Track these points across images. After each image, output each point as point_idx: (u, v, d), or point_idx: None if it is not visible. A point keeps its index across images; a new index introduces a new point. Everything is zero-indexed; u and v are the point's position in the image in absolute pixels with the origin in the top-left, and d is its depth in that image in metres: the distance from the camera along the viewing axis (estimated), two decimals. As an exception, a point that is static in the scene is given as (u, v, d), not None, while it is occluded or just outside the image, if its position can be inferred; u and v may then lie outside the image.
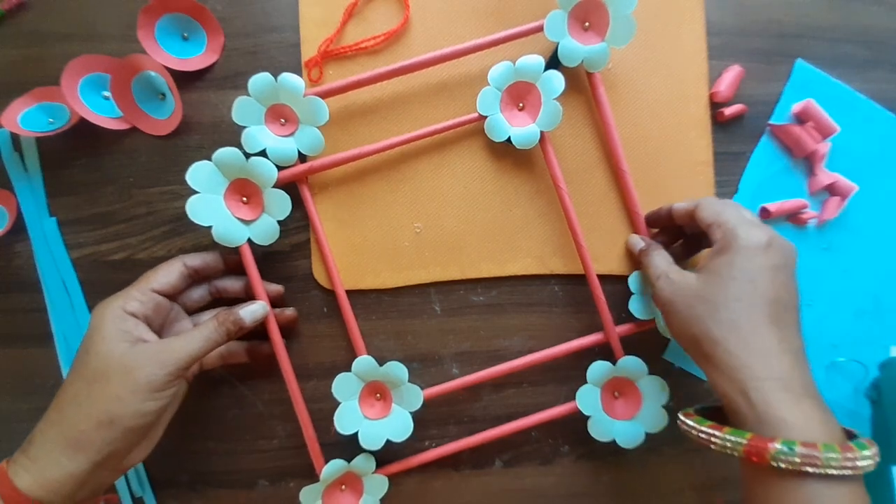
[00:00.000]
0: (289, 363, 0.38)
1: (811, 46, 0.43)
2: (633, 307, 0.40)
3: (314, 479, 0.38)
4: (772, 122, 0.43)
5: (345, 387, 0.38)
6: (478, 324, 0.42)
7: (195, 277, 0.37)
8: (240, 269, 0.38)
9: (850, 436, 0.29)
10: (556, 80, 0.38)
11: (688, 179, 0.42)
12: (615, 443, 0.39)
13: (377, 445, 0.38)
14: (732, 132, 0.43)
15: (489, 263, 0.41)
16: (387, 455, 0.39)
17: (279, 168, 0.37)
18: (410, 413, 0.38)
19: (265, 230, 0.37)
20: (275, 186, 0.37)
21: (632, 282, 0.40)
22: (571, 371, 0.41)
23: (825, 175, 0.42)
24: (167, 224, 0.40)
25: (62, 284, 0.40)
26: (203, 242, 0.40)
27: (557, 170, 0.39)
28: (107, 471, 0.31)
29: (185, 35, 0.40)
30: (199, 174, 0.35)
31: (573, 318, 0.42)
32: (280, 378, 0.38)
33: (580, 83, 0.41)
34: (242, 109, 0.36)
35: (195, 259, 0.37)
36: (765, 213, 0.42)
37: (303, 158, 0.39)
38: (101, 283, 0.40)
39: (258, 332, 0.38)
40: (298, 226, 0.40)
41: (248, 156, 0.36)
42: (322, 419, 0.38)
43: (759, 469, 0.27)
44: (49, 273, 0.40)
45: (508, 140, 0.39)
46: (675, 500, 0.43)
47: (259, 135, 0.37)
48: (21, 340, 0.41)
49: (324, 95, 0.37)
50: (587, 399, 0.40)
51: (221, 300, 0.39)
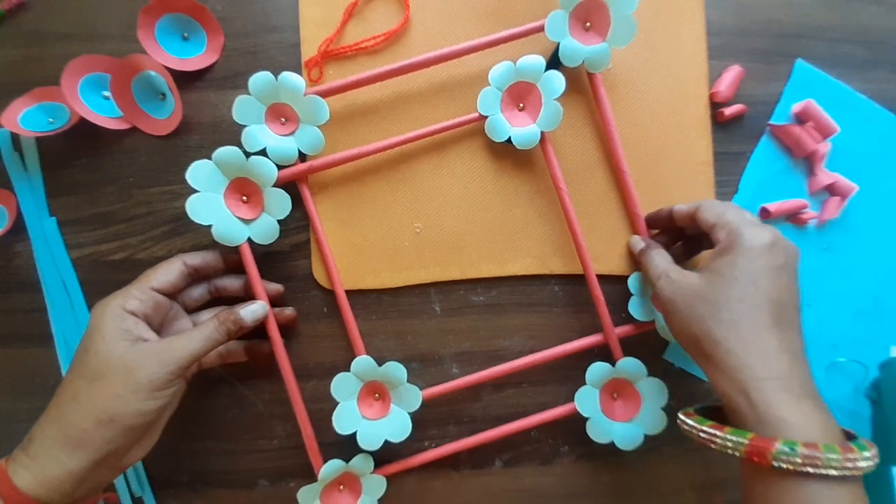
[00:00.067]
0: (288, 363, 0.38)
1: (811, 46, 0.43)
2: (633, 309, 0.40)
3: (314, 479, 0.38)
4: (772, 122, 0.43)
5: (343, 387, 0.38)
6: (478, 324, 0.42)
7: (195, 276, 0.37)
8: (240, 269, 0.38)
9: (849, 437, 0.29)
10: (557, 81, 0.38)
11: (688, 179, 0.42)
12: (614, 444, 0.39)
13: (375, 446, 0.38)
14: (732, 132, 0.43)
15: (489, 263, 0.41)
16: (386, 455, 0.39)
17: (279, 167, 0.37)
18: (409, 413, 0.38)
19: (265, 229, 0.37)
20: (275, 186, 0.37)
21: (631, 283, 0.40)
22: (571, 371, 0.41)
23: (825, 175, 0.42)
24: (167, 224, 0.40)
25: (62, 284, 0.40)
26: (203, 242, 0.40)
27: (558, 170, 0.39)
28: (106, 469, 0.31)
29: (185, 35, 0.40)
30: (199, 173, 0.35)
31: (573, 318, 0.42)
32: (280, 378, 0.38)
33: (580, 83, 0.41)
34: (243, 108, 0.36)
35: (195, 258, 0.37)
36: (765, 213, 0.42)
37: (303, 158, 0.39)
38: (101, 283, 0.40)
39: (257, 332, 0.38)
40: (298, 226, 0.40)
41: (249, 155, 0.36)
42: (322, 419, 0.38)
43: (760, 469, 0.27)
44: (49, 273, 0.40)
45: (509, 140, 0.39)
46: (675, 500, 0.43)
47: (259, 134, 0.37)
48: (21, 340, 0.41)
49: (324, 95, 0.37)
50: (586, 400, 0.40)
51: (221, 299, 0.39)
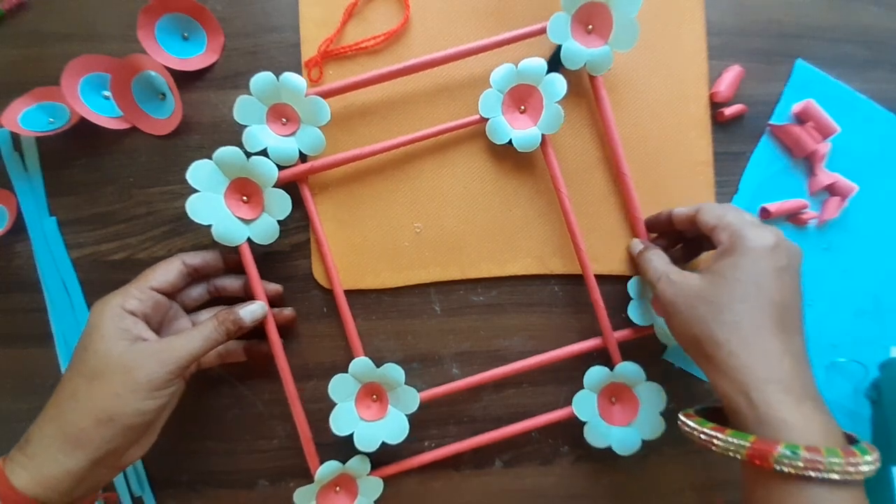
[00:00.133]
0: (286, 363, 0.38)
1: (811, 46, 0.43)
2: (632, 313, 0.40)
3: (312, 480, 0.38)
4: (772, 122, 0.43)
5: (341, 388, 0.38)
6: (478, 324, 0.42)
7: (194, 276, 0.37)
8: (239, 269, 0.38)
9: (850, 439, 0.29)
10: (558, 84, 0.38)
11: (688, 179, 0.42)
12: (611, 449, 0.39)
13: (372, 447, 0.38)
14: (732, 132, 0.43)
15: (489, 263, 0.41)
16: (386, 455, 0.39)
17: (280, 168, 0.37)
18: (406, 415, 0.38)
19: (265, 230, 0.37)
20: (275, 186, 0.37)
21: (631, 287, 0.40)
22: (572, 371, 0.41)
23: (825, 175, 0.42)
24: (167, 224, 0.40)
25: (62, 284, 0.40)
26: (203, 242, 0.40)
27: (558, 173, 0.39)
28: (105, 468, 0.31)
29: (185, 35, 0.40)
30: (200, 173, 0.35)
31: (573, 319, 0.42)
32: (280, 378, 0.38)
33: (581, 84, 0.41)
34: (244, 108, 0.36)
35: (195, 257, 0.37)
36: (765, 214, 0.42)
37: (303, 158, 0.39)
38: (101, 283, 0.40)
39: (257, 332, 0.38)
40: (299, 226, 0.40)
41: (249, 155, 0.36)
42: (322, 419, 0.38)
43: (762, 472, 0.27)
44: (49, 273, 0.40)
45: (510, 142, 0.39)
46: (675, 500, 0.43)
47: (260, 134, 0.37)
48: (21, 340, 0.41)
49: (324, 95, 0.37)
50: (584, 404, 0.39)
51: (220, 299, 0.39)
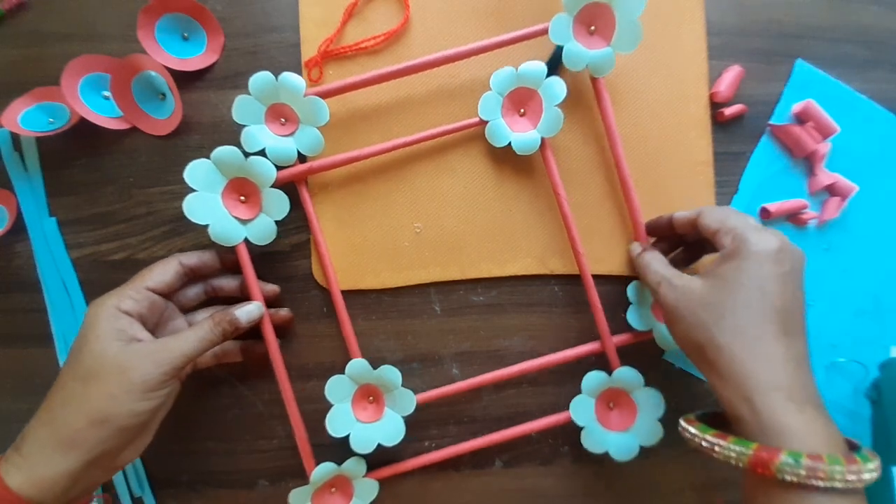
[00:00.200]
0: (282, 364, 0.38)
1: (811, 46, 0.43)
2: (631, 318, 0.40)
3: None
4: (772, 122, 0.43)
5: (338, 389, 0.38)
6: (478, 324, 0.42)
7: (191, 276, 0.37)
8: (237, 269, 0.38)
9: (851, 445, 0.29)
10: (558, 87, 0.37)
11: (688, 179, 0.42)
12: (608, 455, 0.39)
13: (368, 449, 0.37)
14: (732, 132, 0.43)
15: (489, 263, 0.41)
16: (386, 455, 0.39)
17: (278, 168, 0.37)
18: (403, 417, 0.38)
19: (262, 230, 0.37)
20: (274, 186, 0.37)
21: (630, 291, 0.40)
22: (572, 372, 0.40)
23: (825, 175, 0.42)
24: (167, 224, 0.40)
25: (62, 284, 0.40)
26: (203, 242, 0.40)
27: (557, 177, 0.39)
28: (99, 469, 0.31)
29: (185, 35, 0.40)
30: (197, 172, 0.35)
31: (573, 319, 0.42)
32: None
33: (581, 85, 0.41)
34: (242, 108, 0.36)
35: (191, 258, 0.37)
36: (765, 214, 0.42)
37: (303, 159, 0.39)
38: (101, 283, 0.40)
39: (253, 332, 0.38)
40: (298, 226, 0.40)
41: (248, 155, 0.36)
42: (321, 420, 0.38)
43: (763, 479, 0.27)
44: (49, 273, 0.40)
45: (509, 144, 0.39)
46: (675, 501, 0.43)
47: (259, 134, 0.37)
48: (21, 340, 0.41)
49: (324, 95, 0.37)
50: (581, 409, 0.39)
51: (217, 299, 0.39)
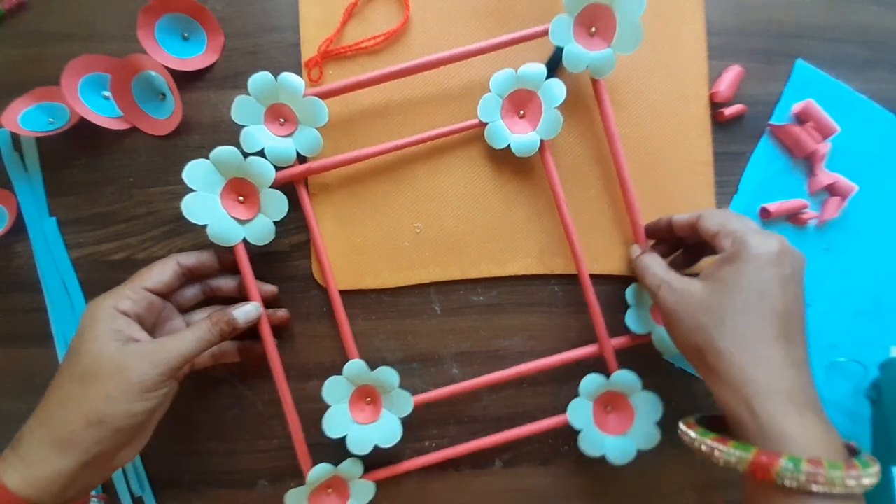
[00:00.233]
0: (280, 364, 0.38)
1: (811, 46, 0.43)
2: (630, 321, 0.40)
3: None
4: (772, 122, 0.43)
5: (335, 390, 0.38)
6: (478, 324, 0.42)
7: (189, 276, 0.37)
8: (236, 269, 0.37)
9: (851, 450, 0.29)
10: (558, 89, 0.37)
11: (688, 179, 0.42)
12: (605, 458, 0.38)
13: (365, 450, 0.37)
14: (732, 132, 0.43)
15: (489, 263, 0.41)
16: (386, 455, 0.39)
17: (277, 168, 0.37)
18: (400, 419, 0.38)
19: (260, 230, 0.37)
20: (272, 187, 0.37)
21: (629, 294, 0.40)
22: (572, 372, 0.40)
23: (825, 175, 0.42)
24: (167, 224, 0.40)
25: (62, 284, 0.40)
26: (203, 242, 0.40)
27: (556, 179, 0.39)
28: (95, 470, 0.31)
29: (185, 35, 0.40)
30: (196, 172, 0.35)
31: (573, 319, 0.42)
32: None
33: (580, 85, 0.40)
34: (242, 108, 0.36)
35: (189, 258, 0.37)
36: (765, 214, 0.42)
37: (302, 159, 0.39)
38: (101, 283, 0.40)
39: (251, 332, 0.38)
40: (298, 226, 0.40)
41: (247, 155, 0.36)
42: (321, 420, 0.38)
43: (763, 484, 0.27)
44: (49, 273, 0.40)
45: (509, 146, 0.39)
46: (676, 501, 0.43)
47: (258, 134, 0.36)
48: (21, 340, 0.41)
49: (323, 96, 0.37)
50: (579, 412, 0.39)
51: (215, 299, 0.39)
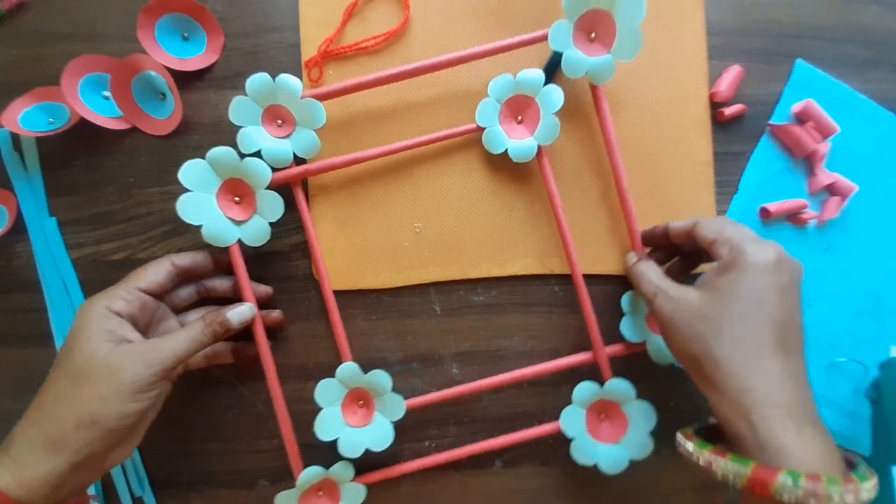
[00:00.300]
0: (273, 365, 0.38)
1: (811, 46, 0.43)
2: (625, 329, 0.40)
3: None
4: (772, 122, 0.43)
5: (327, 392, 0.38)
6: (478, 324, 0.42)
7: (184, 277, 0.37)
8: (231, 269, 0.37)
9: (849, 462, 0.29)
10: (556, 95, 0.37)
11: (688, 179, 0.42)
12: (597, 468, 0.38)
13: (357, 454, 0.37)
14: (732, 132, 0.43)
15: (489, 263, 0.41)
16: (385, 456, 0.39)
17: (274, 170, 0.37)
18: (392, 423, 0.38)
19: (256, 231, 0.37)
20: (269, 188, 0.36)
21: (624, 302, 0.40)
22: (572, 372, 0.40)
23: (825, 175, 0.42)
24: (167, 224, 0.40)
25: (62, 284, 0.40)
26: (203, 243, 0.40)
27: (553, 185, 0.39)
28: (87, 471, 0.31)
29: (185, 35, 0.40)
30: (192, 172, 0.35)
31: (573, 318, 0.42)
32: (279, 379, 0.38)
33: (579, 88, 0.40)
34: (239, 109, 0.36)
35: (184, 258, 0.36)
36: (765, 213, 0.42)
37: (299, 161, 0.39)
38: (101, 283, 0.40)
39: (245, 333, 0.37)
40: (298, 226, 0.40)
41: (244, 156, 0.36)
42: (319, 420, 0.38)
43: (761, 499, 0.27)
44: (49, 273, 0.40)
45: (506, 151, 0.38)
46: (676, 501, 0.43)
47: (255, 135, 0.36)
48: (21, 340, 0.41)
49: (321, 98, 0.37)
50: (571, 420, 0.39)
51: (209, 299, 0.39)
